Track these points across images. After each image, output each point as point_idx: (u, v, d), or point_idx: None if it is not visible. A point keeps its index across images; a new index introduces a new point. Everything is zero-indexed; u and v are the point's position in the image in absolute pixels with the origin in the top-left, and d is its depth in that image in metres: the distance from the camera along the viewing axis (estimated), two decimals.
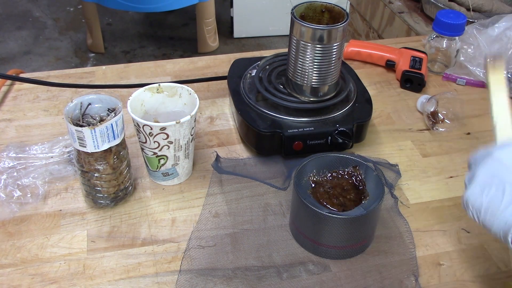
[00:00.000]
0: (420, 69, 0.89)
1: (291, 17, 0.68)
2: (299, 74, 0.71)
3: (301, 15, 0.71)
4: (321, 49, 0.68)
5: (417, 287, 0.57)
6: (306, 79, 0.71)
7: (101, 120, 0.59)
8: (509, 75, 0.87)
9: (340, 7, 0.70)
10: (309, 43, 0.67)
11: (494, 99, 0.58)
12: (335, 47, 0.68)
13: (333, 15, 0.71)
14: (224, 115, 0.82)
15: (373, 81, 0.92)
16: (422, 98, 0.84)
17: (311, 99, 0.72)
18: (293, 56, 0.70)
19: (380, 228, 0.64)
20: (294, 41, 0.69)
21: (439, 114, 0.81)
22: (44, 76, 0.88)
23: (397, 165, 0.73)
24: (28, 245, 0.61)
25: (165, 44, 2.59)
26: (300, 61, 0.70)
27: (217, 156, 0.72)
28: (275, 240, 0.62)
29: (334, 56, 0.69)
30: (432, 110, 0.80)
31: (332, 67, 0.70)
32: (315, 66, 0.69)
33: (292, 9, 0.69)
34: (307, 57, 0.69)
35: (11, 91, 0.86)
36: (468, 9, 1.16)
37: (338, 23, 0.67)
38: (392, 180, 0.71)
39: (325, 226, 0.58)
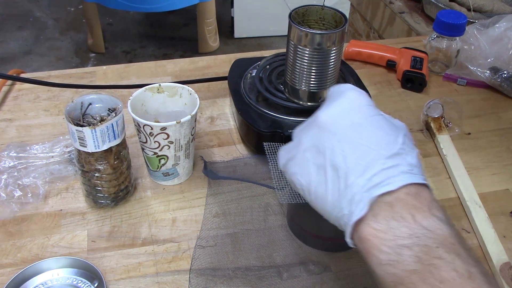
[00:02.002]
0: (421, 69, 0.89)
1: (289, 22, 0.68)
2: (297, 78, 0.70)
3: (301, 19, 0.71)
4: (319, 54, 0.67)
5: None
6: (304, 84, 0.70)
7: (102, 120, 0.59)
8: (509, 75, 0.87)
9: (339, 11, 0.70)
10: (307, 48, 0.67)
11: None
12: (333, 52, 0.67)
13: (332, 19, 0.71)
14: (224, 115, 0.82)
15: (373, 81, 0.92)
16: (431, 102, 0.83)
17: (309, 104, 0.72)
18: (291, 60, 0.70)
19: None
20: (292, 45, 0.68)
21: (444, 119, 0.80)
22: (45, 76, 0.88)
23: None
24: (28, 244, 0.61)
25: (165, 44, 2.60)
26: (298, 66, 0.69)
27: (205, 162, 0.72)
28: (275, 240, 0.62)
29: (332, 60, 0.68)
30: (437, 116, 0.79)
31: (331, 72, 0.70)
32: (313, 71, 0.69)
33: (290, 13, 0.69)
34: (305, 62, 0.68)
35: (12, 91, 0.86)
36: (469, 9, 1.16)
37: (337, 28, 0.67)
38: None
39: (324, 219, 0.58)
